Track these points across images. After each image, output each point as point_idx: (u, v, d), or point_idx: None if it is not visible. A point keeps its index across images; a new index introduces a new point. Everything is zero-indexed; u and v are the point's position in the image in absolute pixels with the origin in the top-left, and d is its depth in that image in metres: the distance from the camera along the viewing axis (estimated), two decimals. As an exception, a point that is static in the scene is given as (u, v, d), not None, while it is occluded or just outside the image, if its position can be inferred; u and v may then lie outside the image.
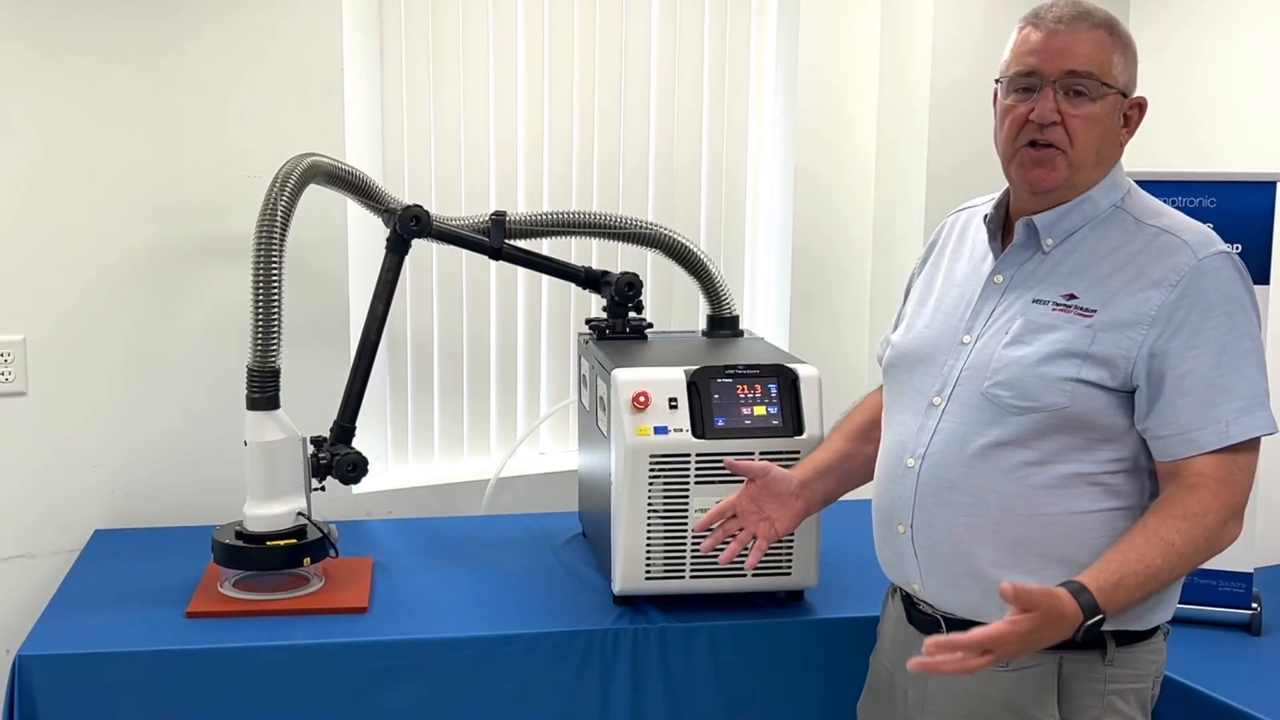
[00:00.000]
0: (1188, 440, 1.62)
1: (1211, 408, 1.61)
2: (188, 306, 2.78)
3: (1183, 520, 1.59)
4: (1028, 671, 1.70)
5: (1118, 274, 1.67)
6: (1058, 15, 1.69)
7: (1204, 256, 1.64)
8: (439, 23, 3.01)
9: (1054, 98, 1.67)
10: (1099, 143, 1.69)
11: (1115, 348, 1.64)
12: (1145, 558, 1.57)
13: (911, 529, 1.77)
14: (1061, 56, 1.67)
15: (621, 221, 2.74)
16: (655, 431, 2.15)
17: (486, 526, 2.80)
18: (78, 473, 2.73)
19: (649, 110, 3.28)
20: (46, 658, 2.04)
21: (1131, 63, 1.71)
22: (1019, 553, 1.69)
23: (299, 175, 2.42)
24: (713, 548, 1.93)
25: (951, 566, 1.74)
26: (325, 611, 2.25)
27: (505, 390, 3.22)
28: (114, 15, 2.64)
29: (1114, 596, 1.55)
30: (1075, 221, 1.73)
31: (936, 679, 1.78)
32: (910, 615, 1.85)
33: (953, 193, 3.35)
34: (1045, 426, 1.66)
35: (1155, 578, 1.58)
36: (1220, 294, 1.63)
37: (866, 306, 3.62)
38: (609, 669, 2.19)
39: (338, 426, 2.49)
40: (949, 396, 1.75)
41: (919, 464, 1.76)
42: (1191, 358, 1.62)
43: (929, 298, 1.87)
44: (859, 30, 3.47)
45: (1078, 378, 1.64)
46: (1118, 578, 1.56)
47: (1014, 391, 1.67)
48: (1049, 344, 1.67)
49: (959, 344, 1.77)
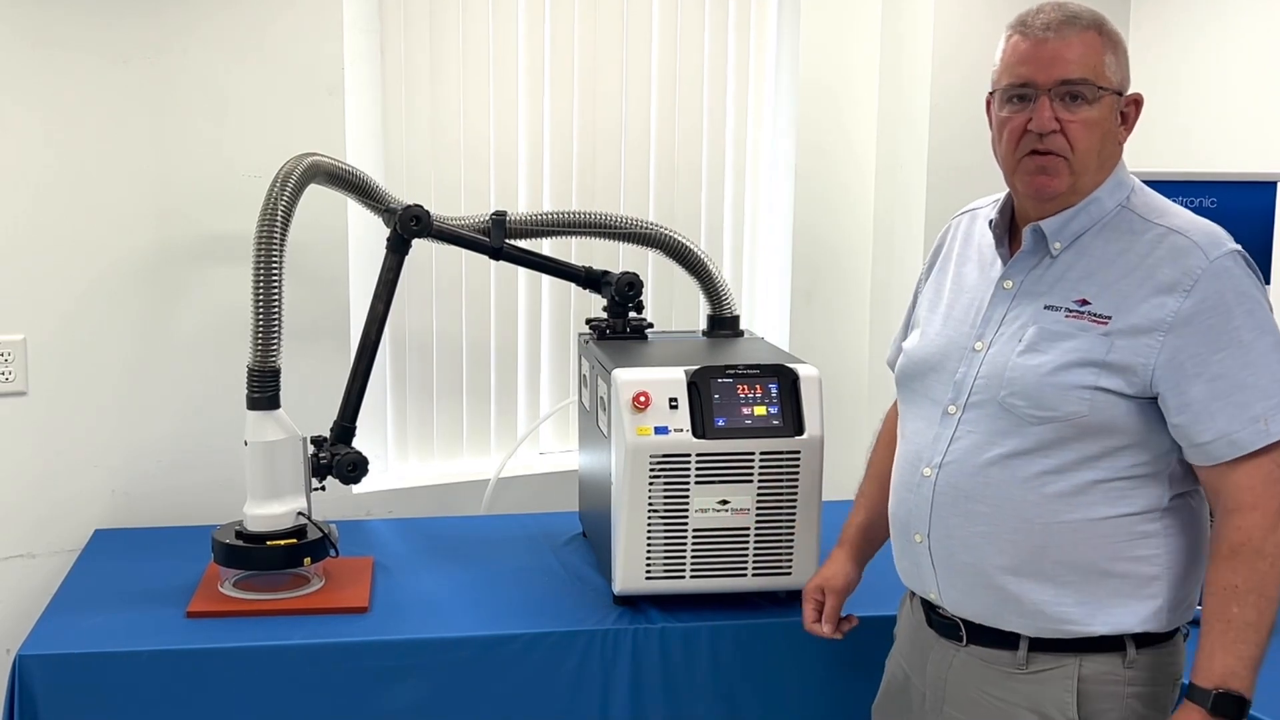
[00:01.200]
0: (1229, 443, 1.60)
1: (1246, 408, 1.59)
2: (188, 306, 2.78)
3: (1233, 559, 1.59)
4: (1047, 674, 1.69)
5: (1128, 277, 1.65)
6: (1045, 21, 1.67)
7: (1216, 257, 1.62)
8: (439, 23, 3.01)
9: (1050, 106, 1.65)
10: (1100, 145, 1.68)
11: (1133, 355, 1.62)
12: (1222, 615, 1.58)
13: (929, 538, 1.76)
14: (1054, 64, 1.65)
15: (622, 221, 2.73)
16: (655, 431, 2.15)
17: (486, 526, 2.80)
18: (78, 473, 2.73)
19: (650, 110, 3.28)
20: (46, 657, 2.04)
21: (1123, 60, 1.70)
22: (1037, 561, 1.68)
23: (299, 175, 2.42)
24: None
25: (969, 575, 1.73)
26: (325, 611, 2.25)
27: (505, 390, 3.22)
28: (114, 15, 2.64)
29: (1214, 668, 1.57)
30: (1083, 224, 1.71)
31: (954, 682, 1.79)
32: (930, 619, 1.84)
33: (953, 193, 3.36)
34: (1064, 435, 1.65)
35: (1246, 623, 1.57)
36: (1237, 294, 1.61)
37: (866, 306, 3.62)
38: (609, 669, 2.19)
39: (338, 426, 2.49)
40: (964, 405, 1.73)
41: (935, 473, 1.75)
42: (1218, 361, 1.60)
43: (939, 304, 1.86)
44: (859, 31, 3.47)
45: (1096, 385, 1.63)
46: (1210, 651, 1.58)
47: (1030, 401, 1.66)
48: (1064, 352, 1.65)
49: (971, 350, 1.75)
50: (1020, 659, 1.71)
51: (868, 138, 3.54)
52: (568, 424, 3.26)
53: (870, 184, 3.57)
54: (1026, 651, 1.71)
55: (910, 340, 1.90)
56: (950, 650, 1.79)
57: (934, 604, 1.81)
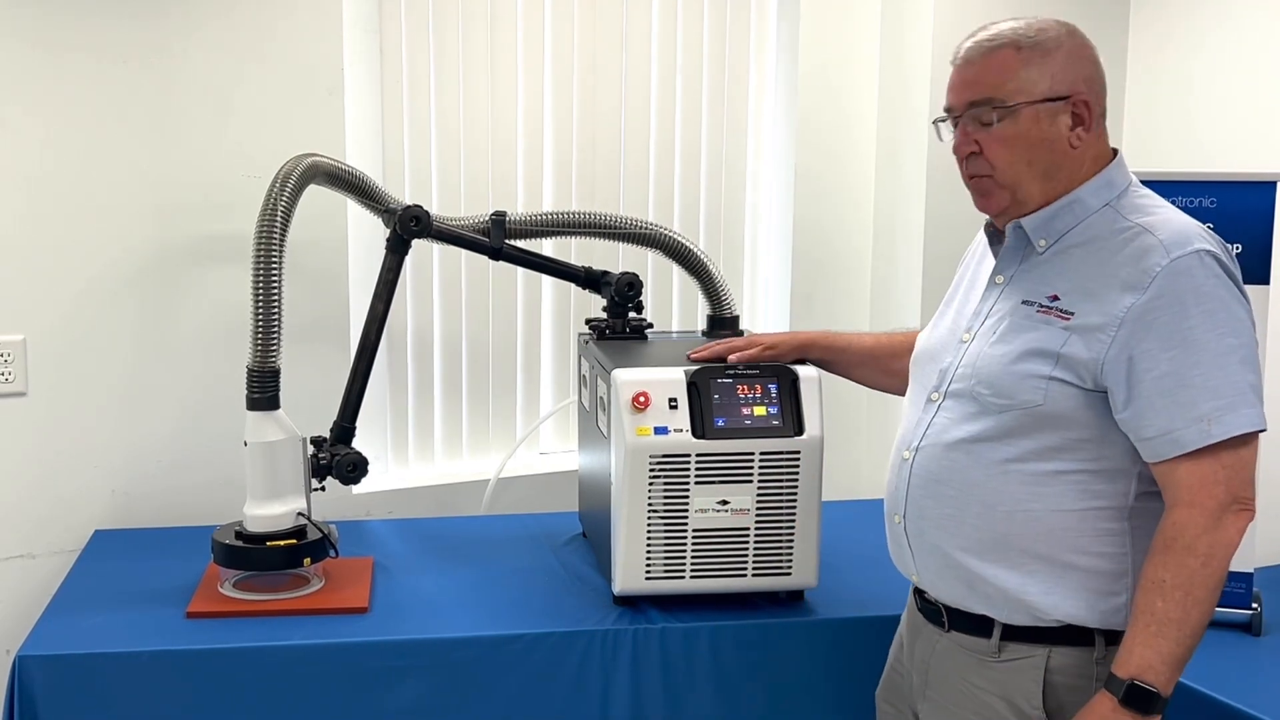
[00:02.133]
0: (1171, 441, 1.61)
1: (1191, 407, 1.60)
2: (188, 306, 2.78)
3: (1165, 553, 1.61)
4: (1017, 663, 1.73)
5: (1095, 275, 1.68)
6: (966, 49, 1.76)
7: (1176, 256, 1.62)
8: (439, 23, 3.01)
9: (966, 130, 1.75)
10: (1028, 156, 1.72)
11: (1085, 350, 1.65)
12: (1147, 608, 1.60)
13: (905, 519, 1.82)
14: (965, 88, 1.75)
15: (622, 221, 2.73)
16: (655, 431, 2.15)
17: (486, 526, 2.80)
18: (78, 473, 2.73)
19: (649, 110, 3.28)
20: (46, 658, 2.04)
21: (1054, 66, 1.70)
22: (1001, 548, 1.72)
23: (299, 175, 2.42)
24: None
25: (939, 557, 1.78)
26: (325, 611, 2.25)
27: (505, 390, 3.22)
28: (114, 15, 2.64)
29: (1132, 661, 1.60)
30: (1067, 222, 1.74)
31: (936, 668, 1.84)
32: (919, 605, 1.89)
33: (953, 193, 3.35)
34: (1024, 424, 1.69)
35: (1169, 619, 1.59)
36: (1196, 293, 1.61)
37: (866, 307, 3.62)
38: (609, 669, 2.19)
39: (338, 426, 2.49)
40: (945, 392, 1.79)
41: (913, 456, 1.81)
42: (1167, 359, 1.61)
43: (954, 298, 1.93)
44: (859, 30, 3.47)
45: (1050, 375, 1.67)
46: (1130, 644, 1.60)
47: (992, 389, 1.71)
48: (1025, 343, 1.70)
49: (959, 342, 1.81)
50: (993, 646, 1.75)
51: (868, 137, 3.54)
52: (568, 424, 3.26)
53: (870, 184, 3.56)
54: (999, 639, 1.74)
55: (924, 332, 1.96)
56: (935, 636, 1.84)
57: (920, 588, 1.87)
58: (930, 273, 3.34)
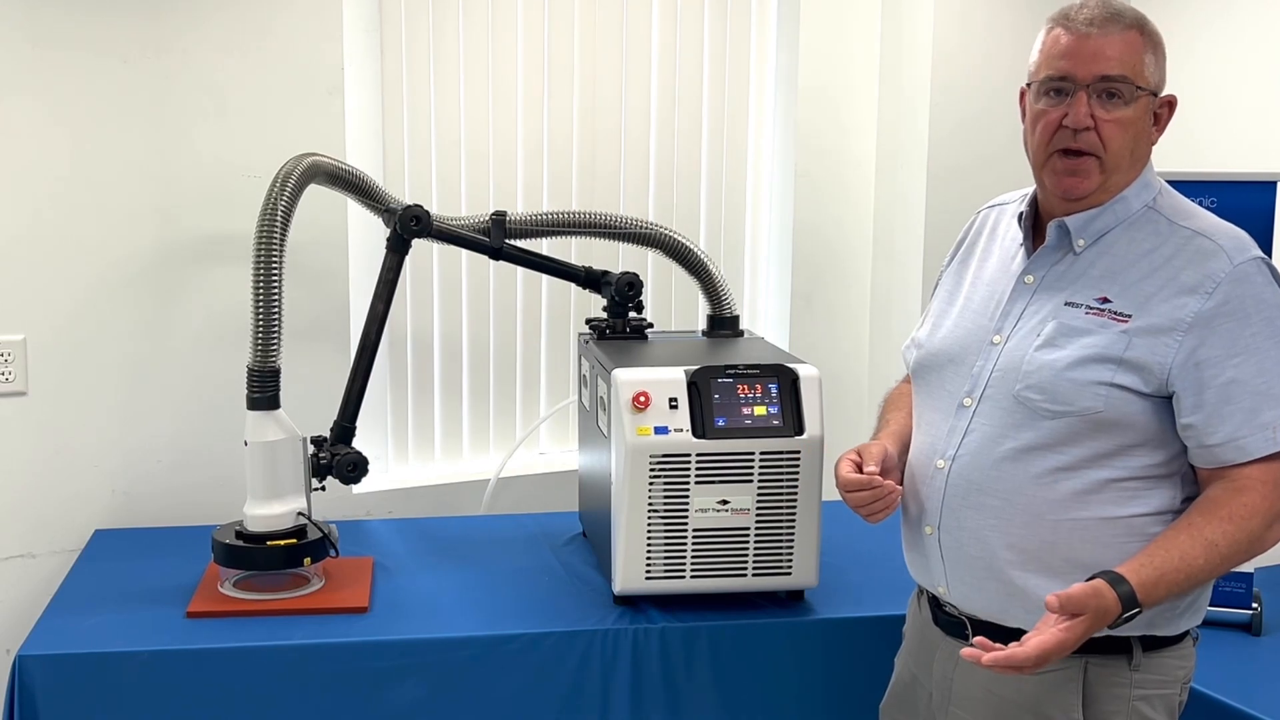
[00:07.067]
0: (1236, 448, 1.61)
1: (1257, 414, 1.60)
2: (188, 306, 2.78)
3: (1229, 522, 1.59)
4: (1052, 675, 1.69)
5: (1152, 277, 1.66)
6: (1088, 17, 1.66)
7: (1239, 262, 1.63)
8: (439, 23, 3.02)
9: (1087, 102, 1.65)
10: (1132, 145, 1.68)
11: (1150, 354, 1.62)
12: (1188, 556, 1.57)
13: (939, 530, 1.77)
14: (1094, 60, 1.64)
15: (622, 221, 2.73)
16: (655, 431, 2.15)
17: (486, 526, 2.80)
18: (78, 473, 2.73)
19: (649, 109, 3.28)
20: (46, 658, 2.04)
21: (1162, 61, 1.70)
22: (1046, 557, 1.68)
23: (299, 175, 2.42)
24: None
25: (977, 569, 1.73)
26: (325, 611, 2.25)
27: (505, 390, 3.22)
28: (114, 13, 2.64)
29: (1154, 592, 1.56)
30: (1108, 222, 1.71)
31: (960, 681, 1.78)
32: (936, 617, 1.84)
33: (953, 193, 3.38)
34: (1078, 431, 1.65)
35: (1195, 577, 1.58)
36: (1258, 300, 1.62)
37: (866, 307, 3.62)
38: (609, 669, 2.19)
39: (338, 426, 2.49)
40: (979, 398, 1.74)
41: (949, 465, 1.75)
42: (1234, 365, 1.60)
43: (957, 296, 1.87)
44: (859, 31, 3.47)
45: (1112, 382, 1.63)
46: (1158, 574, 1.56)
47: (1046, 395, 1.66)
48: (1082, 348, 1.65)
49: (989, 344, 1.76)
50: None
51: (867, 138, 3.54)
52: (568, 424, 3.26)
53: (870, 184, 3.56)
54: None
55: (924, 331, 1.90)
56: (956, 649, 1.78)
57: (941, 601, 1.82)
58: (930, 273, 3.34)
